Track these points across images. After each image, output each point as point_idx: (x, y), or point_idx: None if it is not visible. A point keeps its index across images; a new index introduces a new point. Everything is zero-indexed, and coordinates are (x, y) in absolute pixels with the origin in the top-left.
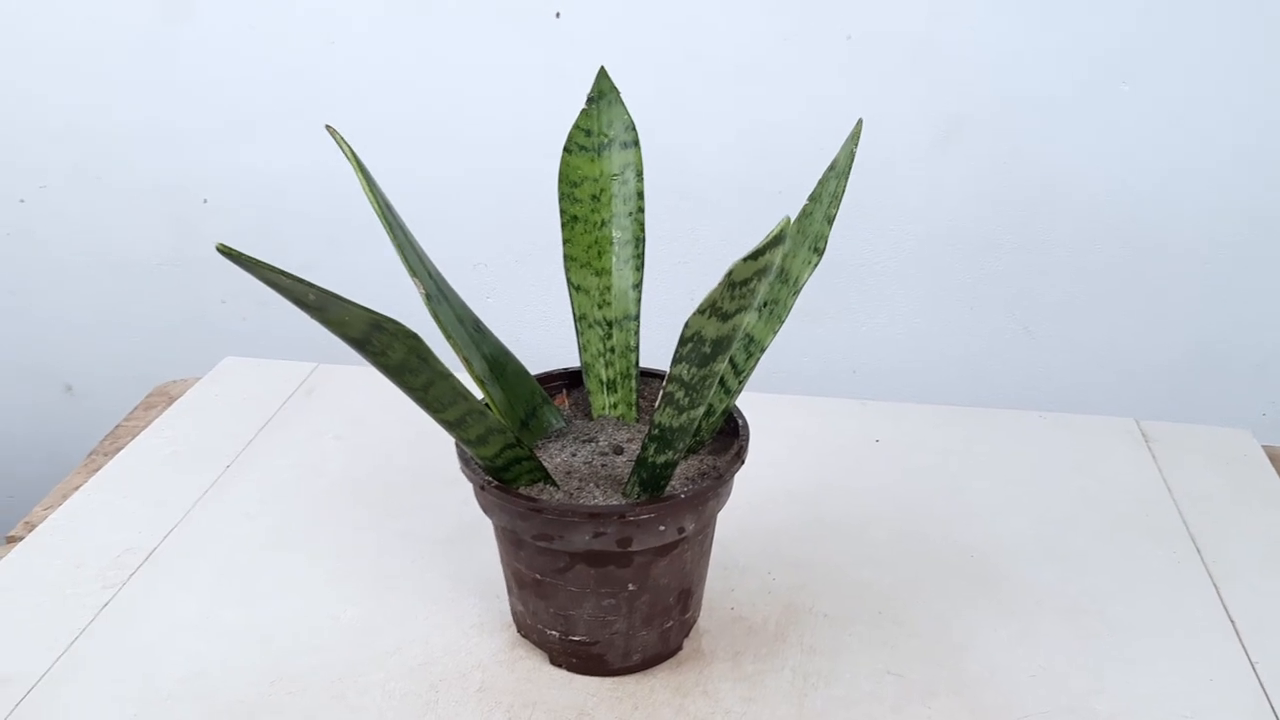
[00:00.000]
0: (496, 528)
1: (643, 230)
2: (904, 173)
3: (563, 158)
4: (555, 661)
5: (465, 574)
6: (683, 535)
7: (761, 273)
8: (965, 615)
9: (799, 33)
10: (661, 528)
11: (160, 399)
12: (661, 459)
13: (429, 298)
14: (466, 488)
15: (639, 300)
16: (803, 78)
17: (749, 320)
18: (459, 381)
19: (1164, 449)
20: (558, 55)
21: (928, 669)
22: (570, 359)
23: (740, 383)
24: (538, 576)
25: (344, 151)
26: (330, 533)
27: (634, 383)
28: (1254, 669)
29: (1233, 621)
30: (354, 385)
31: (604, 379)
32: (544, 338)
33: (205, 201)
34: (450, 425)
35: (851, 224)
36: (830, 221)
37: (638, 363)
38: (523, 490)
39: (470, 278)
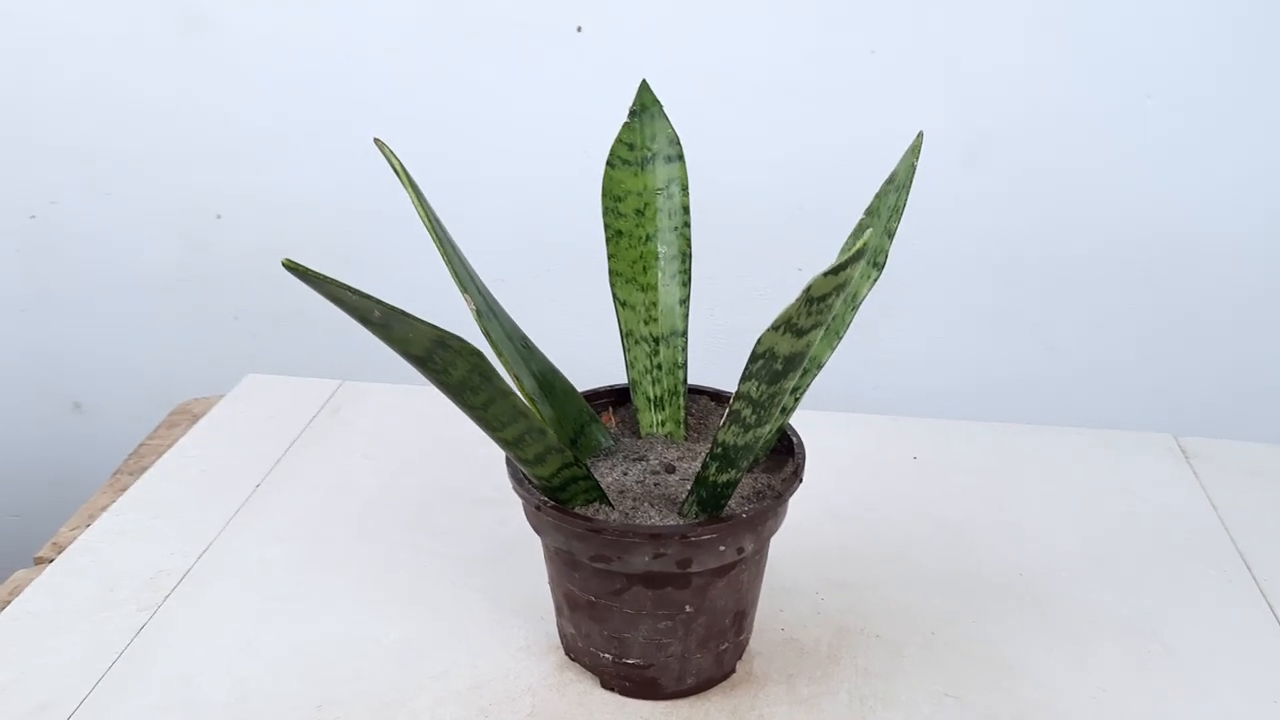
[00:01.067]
0: (549, 549)
1: (689, 245)
2: (929, 188)
3: (605, 172)
4: (607, 685)
5: (507, 594)
6: (741, 556)
7: (840, 288)
8: (1018, 637)
9: (822, 48)
10: (722, 548)
11: (183, 417)
12: (724, 478)
13: (479, 314)
14: (502, 506)
15: (686, 316)
16: (826, 93)
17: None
18: (520, 399)
19: (1204, 465)
20: (578, 69)
21: (986, 693)
22: (593, 374)
23: (796, 400)
24: (592, 598)
25: (393, 165)
26: (366, 553)
27: (682, 400)
28: None
29: None
30: (380, 403)
31: (651, 396)
32: (565, 353)
33: (218, 217)
34: (508, 444)
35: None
36: (891, 236)
37: (685, 379)
38: (579, 510)
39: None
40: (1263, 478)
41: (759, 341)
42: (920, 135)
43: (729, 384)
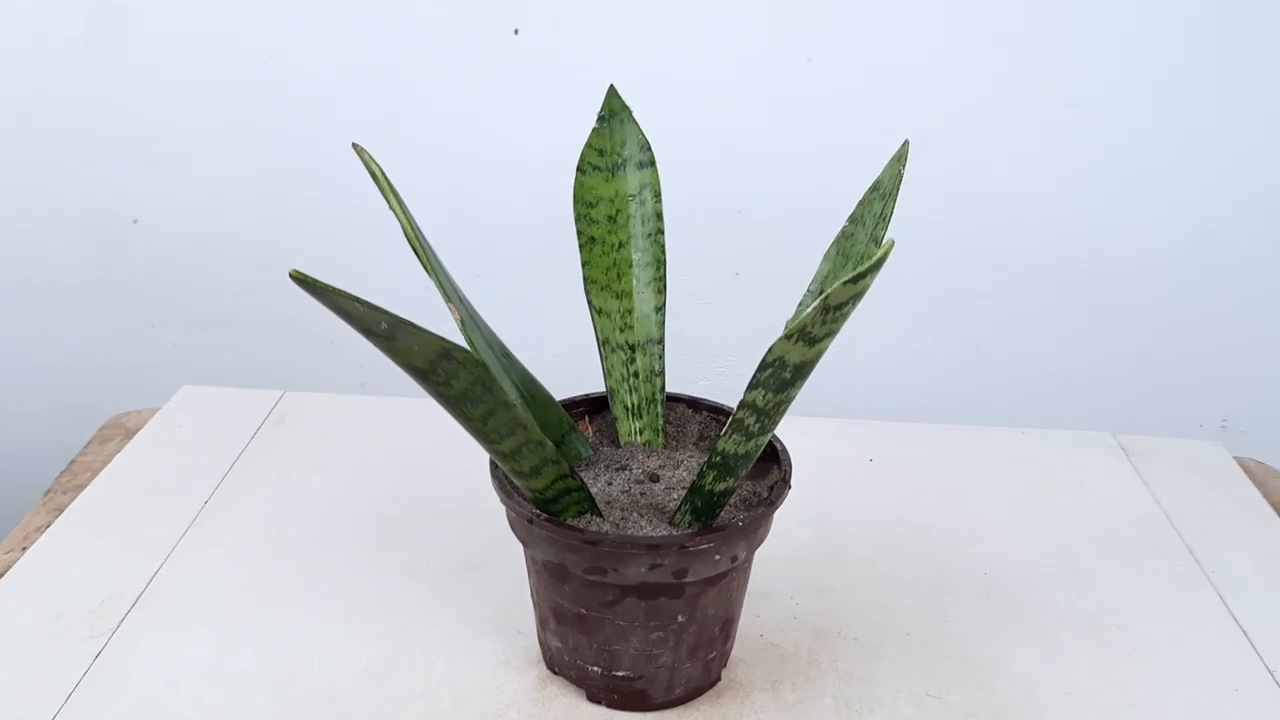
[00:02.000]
0: (536, 561)
1: (664, 252)
2: (859, 195)
3: (576, 178)
4: (594, 698)
5: (479, 609)
6: (734, 564)
7: (857, 296)
8: (989, 634)
9: (760, 56)
10: (717, 557)
11: (116, 431)
12: (721, 487)
13: (463, 323)
14: (464, 517)
15: (662, 324)
16: (762, 99)
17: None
18: (520, 411)
19: (1145, 463)
20: (515, 71)
21: (965, 691)
22: (553, 384)
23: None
24: (582, 611)
25: (372, 171)
26: (328, 570)
27: (660, 408)
28: (1273, 677)
29: (1244, 632)
30: (326, 413)
31: (629, 404)
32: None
33: (135, 222)
34: (505, 457)
35: (808, 245)
36: (878, 243)
37: (663, 387)
38: (571, 522)
39: (423, 299)
40: (1199, 473)
41: (770, 350)
42: (906, 143)
43: (673, 390)
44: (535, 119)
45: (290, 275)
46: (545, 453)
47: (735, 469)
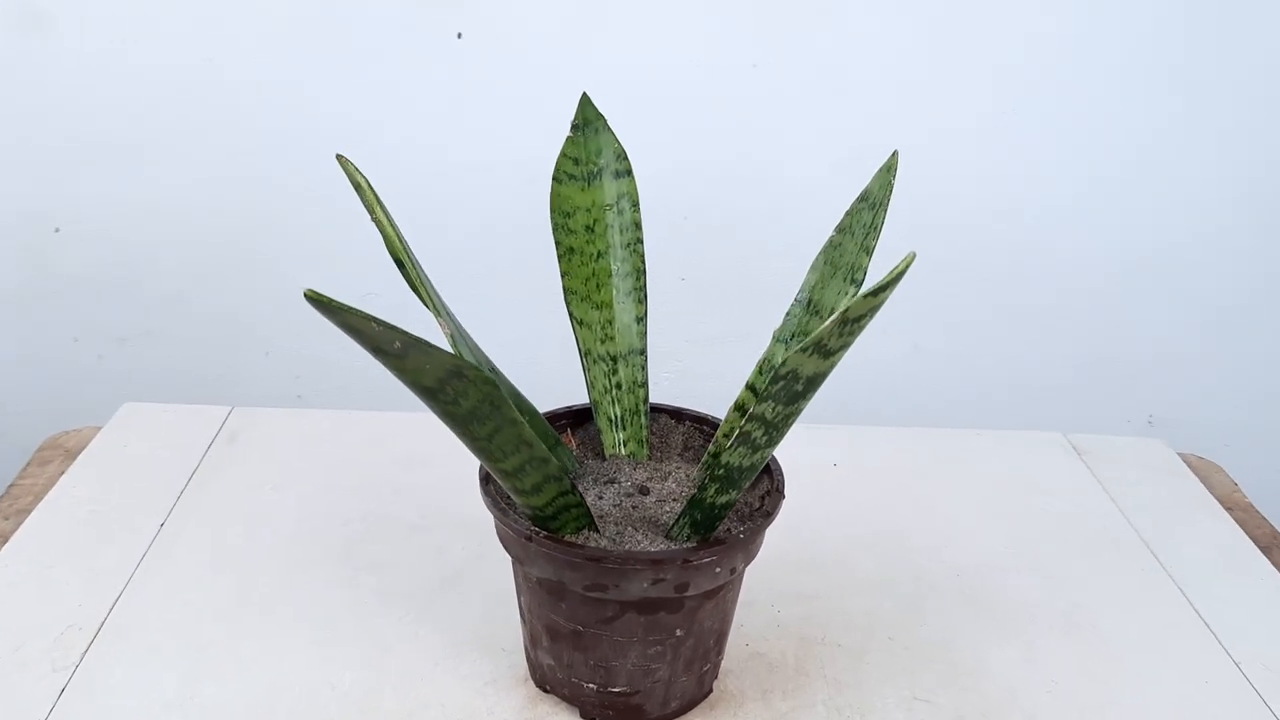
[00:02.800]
0: (529, 579)
1: (643, 261)
2: (807, 199)
3: (552, 187)
4: (588, 715)
5: (459, 627)
6: (733, 576)
7: (875, 309)
8: (968, 636)
9: (705, 62)
10: (717, 570)
11: (55, 453)
12: (723, 500)
13: (453, 339)
14: (434, 533)
15: (644, 334)
16: (709, 106)
17: (778, 353)
18: (526, 428)
19: (1096, 461)
20: (458, 76)
21: (952, 694)
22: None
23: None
24: (579, 628)
25: (358, 182)
26: (298, 592)
27: (644, 419)
28: (1240, 669)
29: (1208, 625)
30: (278, 429)
31: (612, 416)
32: None
33: (57, 231)
34: (507, 474)
35: (754, 251)
36: (869, 252)
37: (647, 399)
38: (570, 538)
39: (360, 307)
40: (1148, 469)
41: (783, 363)
42: (895, 154)
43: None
44: (479, 125)
45: (305, 295)
46: (549, 469)
47: (739, 482)
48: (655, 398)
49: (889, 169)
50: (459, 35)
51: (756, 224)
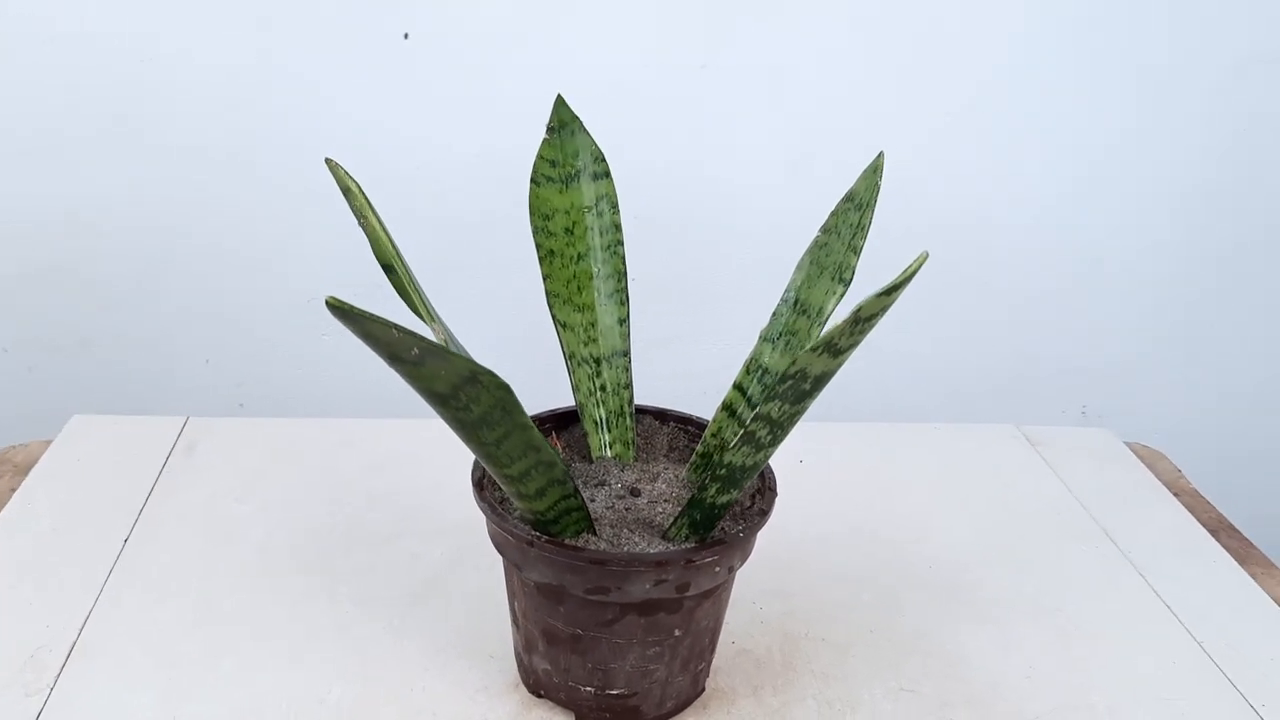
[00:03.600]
0: (526, 584)
1: (624, 263)
2: (756, 200)
3: (530, 189)
4: (584, 719)
5: (444, 634)
6: (730, 575)
7: (886, 308)
8: (946, 625)
9: (653, 63)
10: (717, 569)
11: (4, 468)
12: (724, 499)
13: (447, 344)
14: (408, 541)
15: (627, 336)
16: (657, 106)
17: (765, 351)
18: (535, 432)
19: (1048, 451)
20: (405, 76)
21: (936, 682)
22: (417, 398)
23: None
24: (578, 631)
25: (349, 187)
26: (277, 605)
27: (629, 420)
28: (1202, 648)
29: (1169, 607)
30: (236, 439)
31: (597, 418)
32: (387, 375)
33: None
34: (512, 480)
35: (703, 251)
36: (857, 252)
37: (631, 400)
38: (570, 542)
39: (304, 314)
40: (1097, 458)
41: (793, 362)
42: (881, 155)
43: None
44: (425, 126)
45: (327, 303)
46: (554, 474)
47: (741, 481)
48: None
49: (875, 170)
50: (406, 36)
51: (706, 225)
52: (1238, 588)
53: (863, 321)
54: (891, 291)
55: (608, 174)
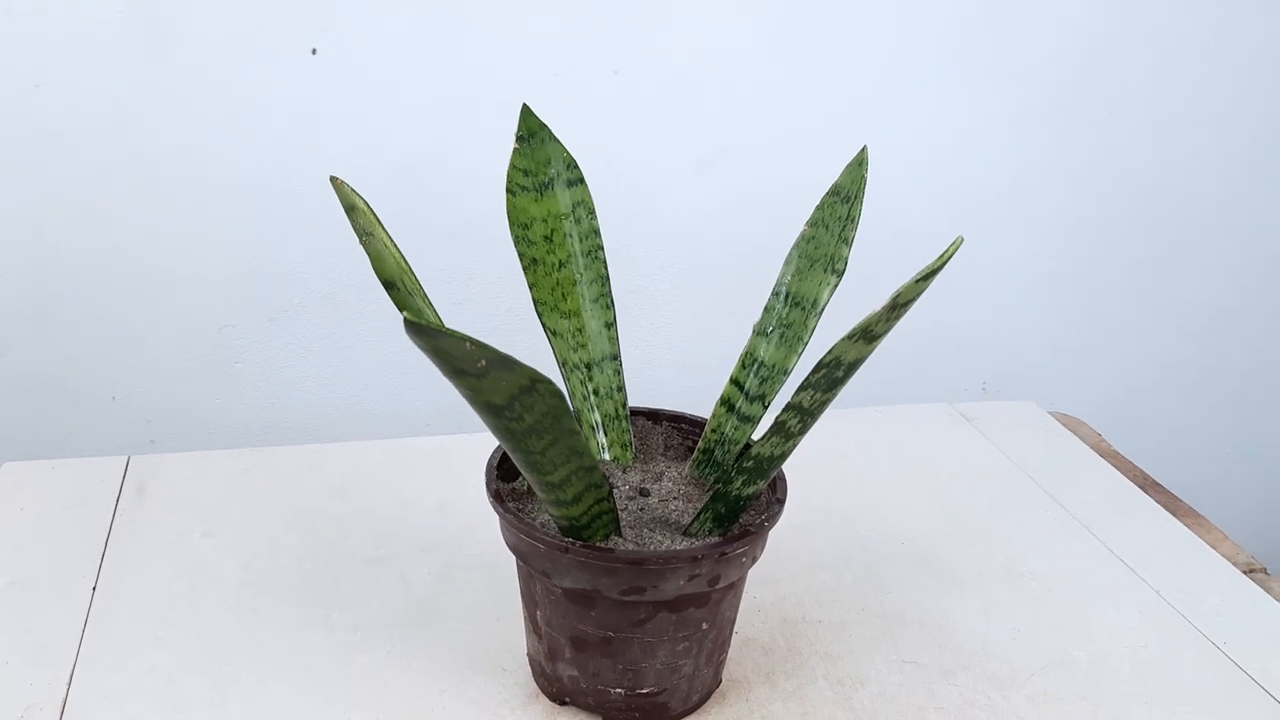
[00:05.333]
0: (553, 592)
1: (606, 268)
2: (668, 195)
3: (507, 199)
4: None
5: (450, 652)
6: (752, 565)
7: (920, 293)
8: (929, 597)
9: (569, 68)
10: (744, 560)
11: None
12: (750, 491)
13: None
14: (394, 564)
15: (615, 339)
16: (571, 112)
17: (759, 346)
18: (581, 438)
19: (984, 426)
20: (313, 90)
21: (933, 652)
22: (342, 422)
23: (764, 409)
24: (609, 634)
25: (356, 205)
26: (273, 640)
27: (625, 423)
28: (1160, 595)
29: (1123, 561)
30: (187, 474)
31: (593, 422)
32: (309, 400)
33: None
34: (552, 487)
35: (617, 259)
36: (848, 242)
37: (625, 402)
38: (602, 545)
39: (217, 341)
40: (1028, 429)
41: (829, 351)
42: (864, 149)
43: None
44: (335, 138)
45: (405, 319)
46: (592, 478)
47: (768, 472)
48: None
49: (860, 163)
50: (314, 51)
51: (616, 228)
52: (1177, 537)
53: (899, 306)
54: (928, 277)
55: (581, 180)
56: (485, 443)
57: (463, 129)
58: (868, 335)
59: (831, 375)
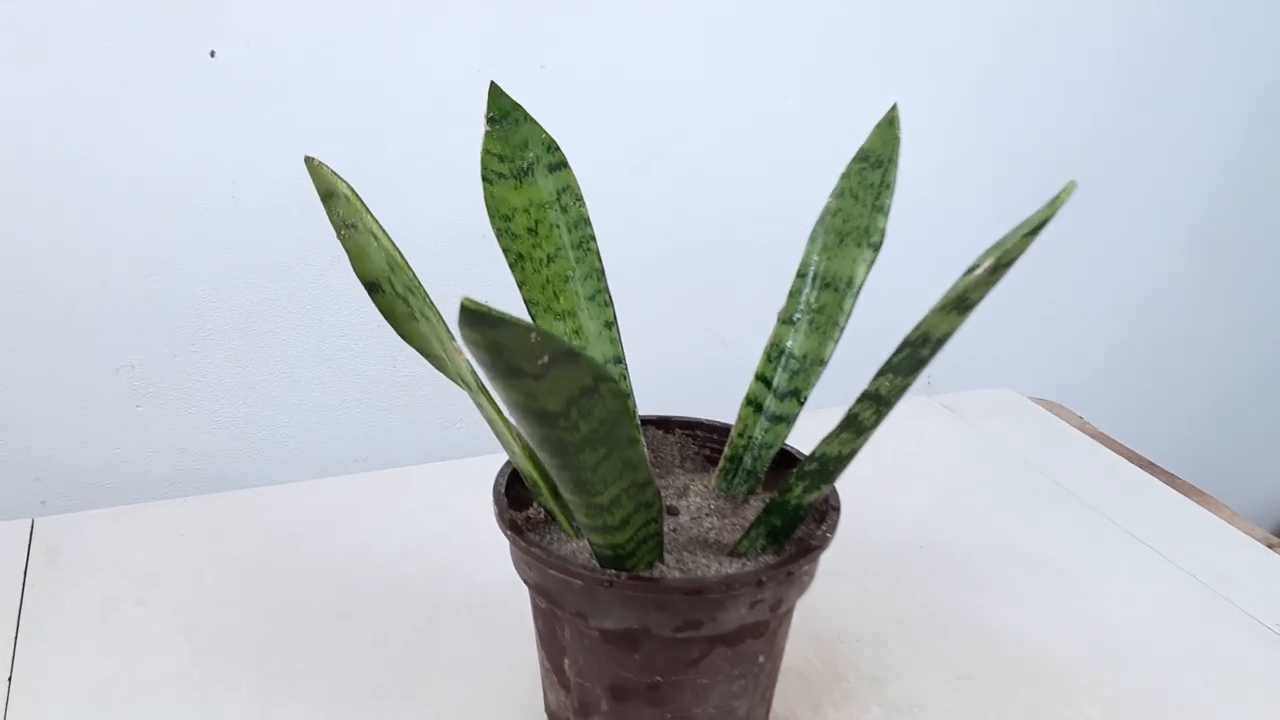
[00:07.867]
0: (590, 636)
1: (600, 260)
2: (604, 195)
3: (484, 189)
4: None
5: (458, 710)
6: (811, 582)
7: (1026, 249)
8: (953, 598)
9: (492, 64)
10: (806, 578)
11: None
12: (811, 498)
13: (470, 367)
14: (367, 619)
15: (617, 340)
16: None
17: (786, 335)
18: (640, 449)
19: (970, 415)
20: (216, 93)
21: (985, 661)
22: (262, 466)
23: (800, 405)
24: (657, 679)
25: (338, 191)
26: (251, 712)
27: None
28: (1196, 578)
29: (1138, 539)
30: (104, 535)
31: None
32: (221, 443)
33: None
34: (599, 510)
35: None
36: (884, 212)
37: (635, 409)
38: (650, 575)
39: (114, 384)
40: (1013, 416)
41: (916, 327)
42: (895, 107)
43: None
44: (240, 145)
45: (463, 304)
46: (644, 495)
47: (833, 475)
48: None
49: (891, 122)
50: (212, 54)
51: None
52: (1187, 511)
53: (1001, 267)
54: (1038, 229)
55: (564, 164)
56: (433, 475)
57: (380, 129)
58: (962, 304)
59: (916, 355)
